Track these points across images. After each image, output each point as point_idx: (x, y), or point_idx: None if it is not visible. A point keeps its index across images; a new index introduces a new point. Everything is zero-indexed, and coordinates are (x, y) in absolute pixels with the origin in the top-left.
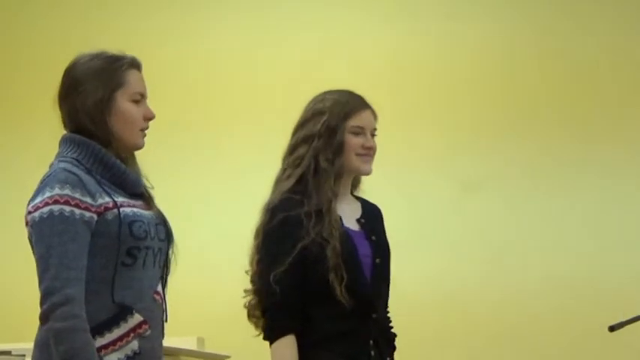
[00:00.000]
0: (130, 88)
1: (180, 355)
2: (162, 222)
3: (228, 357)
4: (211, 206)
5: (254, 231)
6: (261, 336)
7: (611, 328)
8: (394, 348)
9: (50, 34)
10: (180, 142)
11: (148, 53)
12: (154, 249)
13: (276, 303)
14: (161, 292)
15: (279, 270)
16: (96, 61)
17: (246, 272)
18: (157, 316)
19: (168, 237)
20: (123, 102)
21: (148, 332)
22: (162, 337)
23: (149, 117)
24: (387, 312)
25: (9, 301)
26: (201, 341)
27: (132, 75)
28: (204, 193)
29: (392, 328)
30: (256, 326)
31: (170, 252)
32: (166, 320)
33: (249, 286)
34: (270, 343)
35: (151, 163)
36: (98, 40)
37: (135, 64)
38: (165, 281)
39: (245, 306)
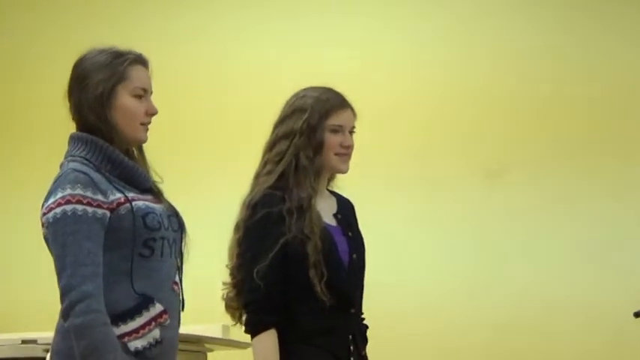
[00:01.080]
0: (132, 83)
1: (205, 343)
2: (173, 214)
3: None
4: (234, 194)
5: (234, 225)
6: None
7: (637, 315)
8: (367, 341)
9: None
10: (208, 134)
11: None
12: (169, 239)
13: (259, 298)
14: (178, 281)
15: (262, 265)
16: (101, 55)
17: (226, 266)
18: (175, 307)
19: (181, 228)
20: (124, 96)
21: (168, 321)
22: (179, 326)
23: (151, 112)
24: (362, 306)
25: (33, 291)
26: (226, 329)
27: (135, 70)
28: (227, 182)
29: (364, 319)
30: (233, 317)
31: (183, 243)
32: (183, 309)
33: (227, 279)
34: (252, 337)
35: (176, 154)
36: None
37: (140, 60)
38: (181, 271)
39: (223, 298)
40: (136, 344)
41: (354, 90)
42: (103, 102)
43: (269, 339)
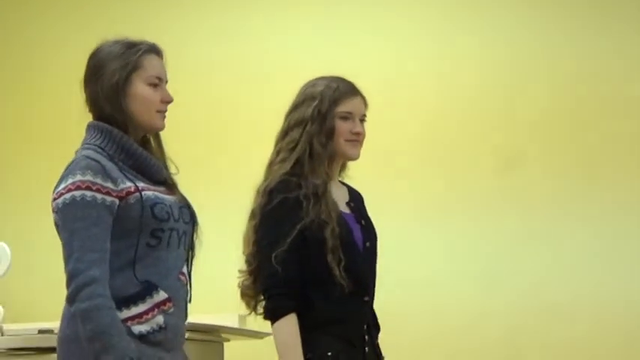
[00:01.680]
0: (147, 72)
1: (222, 332)
2: (186, 205)
3: (270, 334)
4: (250, 185)
5: (250, 212)
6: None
7: None
8: (379, 329)
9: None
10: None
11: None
12: (178, 230)
13: (278, 283)
14: (186, 273)
15: (281, 250)
16: (115, 46)
17: (243, 253)
18: (181, 296)
19: (193, 220)
20: (139, 84)
21: (172, 310)
22: (186, 317)
23: (167, 100)
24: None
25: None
26: (242, 319)
27: (149, 59)
28: (242, 174)
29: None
30: (247, 306)
31: (195, 235)
32: (190, 301)
33: (243, 266)
34: (272, 323)
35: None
36: None
37: (154, 50)
38: (191, 263)
39: (238, 286)
40: (140, 328)
41: (370, 81)
42: (118, 90)
43: (290, 324)
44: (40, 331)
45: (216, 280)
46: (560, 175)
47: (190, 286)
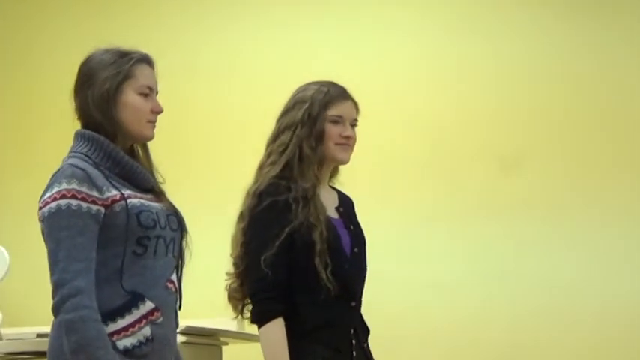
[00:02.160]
0: (138, 81)
1: (220, 336)
2: (173, 213)
3: None
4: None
5: (238, 214)
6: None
7: None
8: (369, 332)
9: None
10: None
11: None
12: (165, 238)
13: (266, 287)
14: (175, 280)
15: (270, 253)
16: (107, 54)
17: (231, 255)
18: (169, 304)
19: (181, 227)
20: (129, 94)
21: (160, 319)
22: (177, 325)
23: (157, 110)
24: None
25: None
26: (240, 322)
27: (141, 69)
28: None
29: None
30: (235, 309)
31: (184, 242)
32: (180, 308)
33: (230, 269)
34: (259, 327)
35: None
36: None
37: (145, 59)
38: (181, 271)
39: (226, 288)
40: (125, 342)
41: (366, 83)
42: (109, 99)
43: (277, 328)
44: (39, 335)
45: (214, 283)
46: (563, 177)
47: (180, 294)
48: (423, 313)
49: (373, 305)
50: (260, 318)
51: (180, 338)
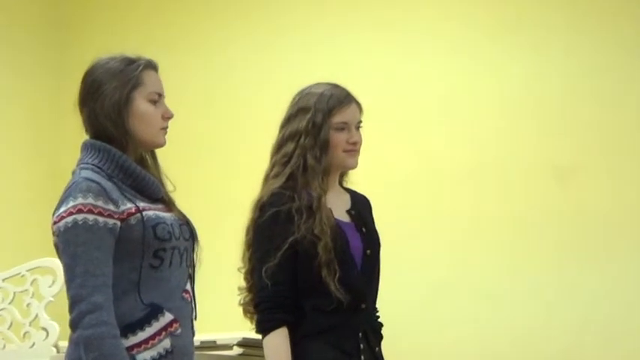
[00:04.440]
0: (147, 88)
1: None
2: (185, 222)
3: None
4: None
5: (245, 227)
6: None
7: None
8: (382, 337)
9: None
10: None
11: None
12: (179, 249)
13: (268, 297)
14: (190, 290)
15: (271, 264)
16: (113, 63)
17: (239, 270)
18: (186, 315)
19: (193, 236)
20: (140, 102)
21: (179, 330)
22: (193, 334)
23: (168, 116)
24: (375, 303)
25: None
26: None
27: (148, 75)
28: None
29: (379, 317)
30: (251, 321)
31: (195, 252)
32: (196, 318)
33: (242, 283)
34: (263, 337)
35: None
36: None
37: (151, 65)
38: (194, 280)
39: (240, 303)
40: (145, 356)
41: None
42: (120, 109)
43: (279, 337)
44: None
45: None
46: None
47: (195, 304)
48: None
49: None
50: (263, 328)
51: (236, 350)
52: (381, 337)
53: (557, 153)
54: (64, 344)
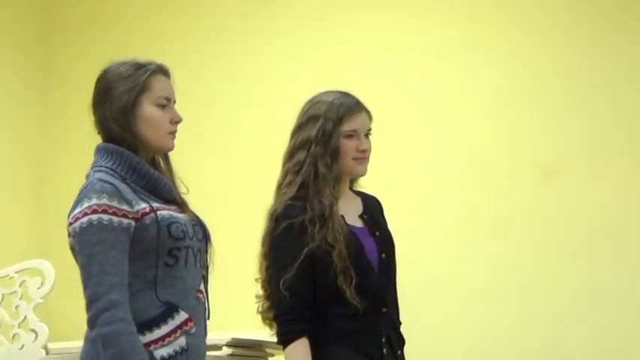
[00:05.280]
0: (155, 93)
1: (266, 348)
2: (198, 223)
3: None
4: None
5: (261, 238)
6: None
7: None
8: (404, 341)
9: None
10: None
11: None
12: (193, 248)
13: (287, 309)
14: (204, 290)
15: (288, 276)
16: (123, 67)
17: (256, 280)
18: (200, 314)
19: (206, 237)
20: (148, 106)
21: (194, 329)
22: (206, 334)
23: (176, 120)
24: (397, 306)
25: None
26: None
27: (157, 80)
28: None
29: (398, 319)
30: (270, 328)
31: (208, 252)
32: (209, 318)
33: (260, 292)
34: (284, 348)
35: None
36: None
37: (161, 70)
38: (207, 280)
39: (258, 311)
40: (162, 352)
41: (395, 88)
42: (127, 113)
43: (300, 348)
44: None
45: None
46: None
47: (208, 303)
48: (466, 322)
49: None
50: (284, 340)
51: (225, 350)
52: (403, 342)
53: (543, 152)
54: (54, 346)
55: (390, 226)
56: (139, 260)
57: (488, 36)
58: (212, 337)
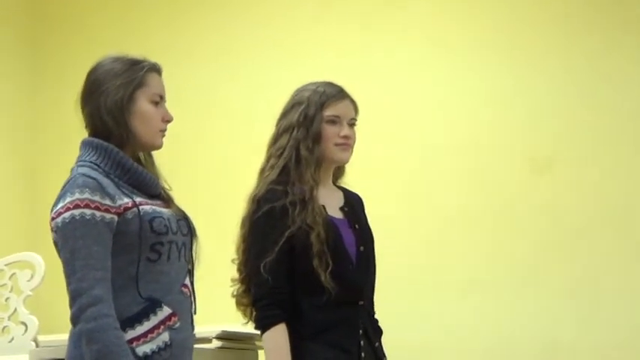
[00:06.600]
0: (150, 89)
1: (256, 340)
2: (183, 218)
3: None
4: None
5: (240, 220)
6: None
7: None
8: (381, 332)
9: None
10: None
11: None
12: (177, 243)
13: (267, 292)
14: (189, 284)
15: (269, 259)
16: (117, 63)
17: (233, 261)
18: (185, 309)
19: (191, 232)
20: (142, 102)
21: (178, 324)
22: (193, 328)
23: (167, 119)
24: (373, 300)
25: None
26: None
27: (152, 77)
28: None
29: (375, 315)
30: (244, 314)
31: (194, 247)
32: (195, 312)
33: (235, 275)
34: (262, 333)
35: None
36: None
37: (155, 68)
38: (193, 275)
39: (232, 295)
40: (144, 349)
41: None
42: (123, 106)
43: (279, 334)
44: None
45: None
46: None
47: (194, 298)
48: (454, 317)
49: (411, 305)
50: (262, 325)
51: (215, 343)
52: (380, 332)
53: (534, 145)
54: (43, 338)
55: (382, 220)
56: (121, 255)
57: (481, 32)
58: (202, 330)
